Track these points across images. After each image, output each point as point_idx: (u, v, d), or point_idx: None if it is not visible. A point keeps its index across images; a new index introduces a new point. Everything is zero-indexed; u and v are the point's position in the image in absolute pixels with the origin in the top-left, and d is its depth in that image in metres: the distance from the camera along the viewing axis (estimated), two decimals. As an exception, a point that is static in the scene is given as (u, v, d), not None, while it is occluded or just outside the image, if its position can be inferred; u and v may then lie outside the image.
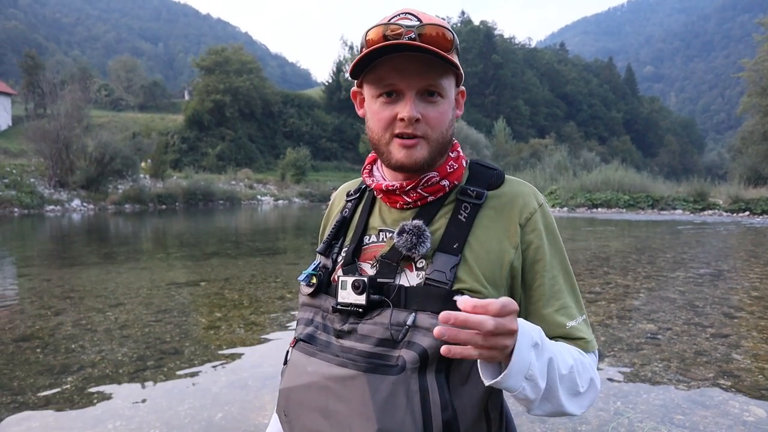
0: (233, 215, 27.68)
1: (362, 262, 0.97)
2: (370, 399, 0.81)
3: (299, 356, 0.93)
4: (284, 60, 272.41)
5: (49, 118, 34.59)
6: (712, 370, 3.82)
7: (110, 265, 9.15)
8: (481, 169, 1.01)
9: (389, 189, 0.96)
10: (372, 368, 0.83)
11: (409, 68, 0.87)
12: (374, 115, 0.93)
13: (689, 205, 24.23)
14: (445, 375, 0.84)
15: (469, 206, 0.94)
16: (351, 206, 1.07)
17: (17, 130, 48.63)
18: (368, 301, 0.88)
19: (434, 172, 0.95)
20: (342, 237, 1.03)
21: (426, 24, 0.88)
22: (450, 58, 0.85)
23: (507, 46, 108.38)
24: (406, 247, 0.89)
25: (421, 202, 0.96)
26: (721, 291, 6.68)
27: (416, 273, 0.90)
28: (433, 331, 0.69)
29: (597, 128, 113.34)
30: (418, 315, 0.85)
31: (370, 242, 0.98)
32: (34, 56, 61.13)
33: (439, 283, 0.86)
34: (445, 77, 0.90)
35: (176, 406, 3.25)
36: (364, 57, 0.87)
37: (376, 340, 0.86)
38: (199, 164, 54.54)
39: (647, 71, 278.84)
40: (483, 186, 0.96)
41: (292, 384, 0.91)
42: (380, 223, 0.99)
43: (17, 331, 4.97)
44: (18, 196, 28.74)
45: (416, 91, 0.89)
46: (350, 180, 1.18)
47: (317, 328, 0.95)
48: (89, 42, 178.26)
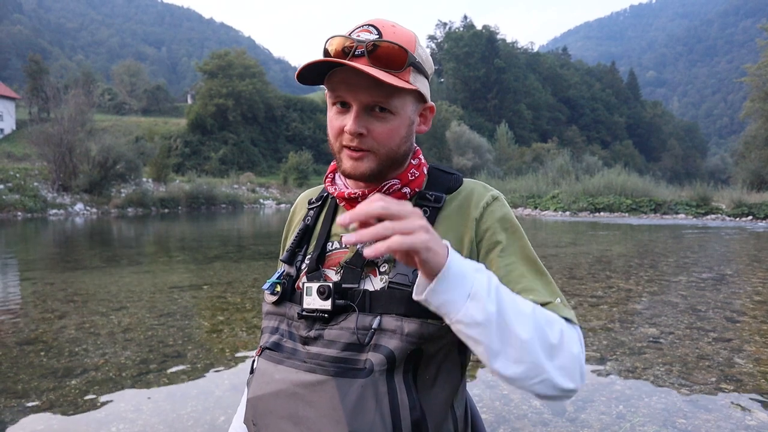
0: (236, 219, 27.72)
1: (326, 268, 0.97)
2: (340, 403, 0.81)
3: (266, 364, 0.92)
4: (287, 64, 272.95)
5: (52, 122, 34.74)
6: (714, 374, 3.82)
7: (113, 269, 9.18)
8: (440, 174, 1.01)
9: (351, 197, 0.96)
10: (340, 372, 0.83)
11: (357, 83, 0.87)
12: (329, 123, 0.94)
13: (692, 209, 24.20)
14: (413, 376, 0.85)
15: (428, 210, 0.95)
16: (313, 214, 1.07)
17: (21, 134, 48.91)
18: (334, 306, 0.88)
19: (396, 180, 0.96)
20: (305, 245, 1.04)
21: (382, 41, 0.86)
22: (385, 80, 0.83)
23: (509, 50, 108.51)
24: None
25: None
26: (724, 295, 6.67)
27: (380, 277, 0.91)
28: (344, 239, 0.66)
29: (599, 132, 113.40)
30: (383, 318, 0.85)
31: (334, 249, 0.99)
32: (38, 61, 61.48)
33: (402, 286, 0.87)
34: (396, 96, 0.89)
35: (179, 410, 3.27)
36: (310, 66, 0.87)
37: (343, 344, 0.86)
38: (201, 168, 54.73)
39: (650, 76, 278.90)
40: (441, 190, 0.98)
41: (260, 392, 0.90)
42: (342, 229, 0.99)
43: (21, 334, 4.99)
44: (21, 200, 28.85)
45: (362, 106, 0.89)
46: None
47: (282, 335, 0.95)
48: (93, 46, 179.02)
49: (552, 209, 27.95)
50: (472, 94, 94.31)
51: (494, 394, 3.46)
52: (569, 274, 8.19)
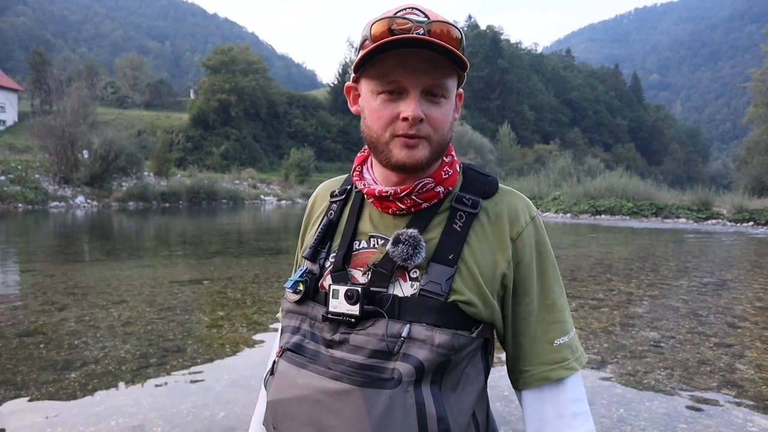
0: (236, 214, 27.72)
1: (352, 268, 0.93)
2: (366, 414, 0.78)
3: (288, 367, 0.88)
4: (290, 61, 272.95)
5: (55, 114, 34.76)
6: (715, 379, 3.81)
7: (113, 262, 9.17)
8: (475, 176, 0.97)
9: (383, 195, 0.92)
10: (367, 382, 0.80)
11: (416, 65, 0.83)
12: (374, 113, 0.88)
13: (693, 213, 24.15)
14: (438, 385, 0.83)
15: (464, 215, 0.91)
16: (337, 208, 1.02)
17: (23, 125, 48.87)
18: (362, 311, 0.85)
19: (429, 178, 0.92)
20: (329, 241, 0.99)
21: (434, 21, 0.84)
22: (459, 54, 0.83)
23: (513, 51, 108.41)
24: (401, 258, 0.85)
25: (415, 208, 0.92)
26: (725, 301, 6.66)
27: (410, 283, 0.87)
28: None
29: (602, 135, 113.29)
30: (413, 326, 0.82)
31: (360, 248, 0.94)
32: (41, 53, 61.45)
33: (434, 294, 0.84)
34: (449, 77, 0.87)
35: (179, 404, 3.26)
36: (371, 50, 0.82)
37: (370, 351, 0.83)
38: (203, 163, 54.69)
39: (653, 79, 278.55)
40: (478, 194, 0.94)
41: (281, 396, 0.87)
42: (371, 228, 0.95)
43: (21, 326, 4.98)
44: (22, 192, 28.85)
45: (421, 90, 0.85)
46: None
47: (305, 336, 0.92)
48: (96, 39, 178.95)
49: (553, 211, 27.92)
50: (475, 94, 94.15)
51: (495, 394, 3.45)
52: (570, 276, 8.18)
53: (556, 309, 0.93)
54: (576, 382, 0.92)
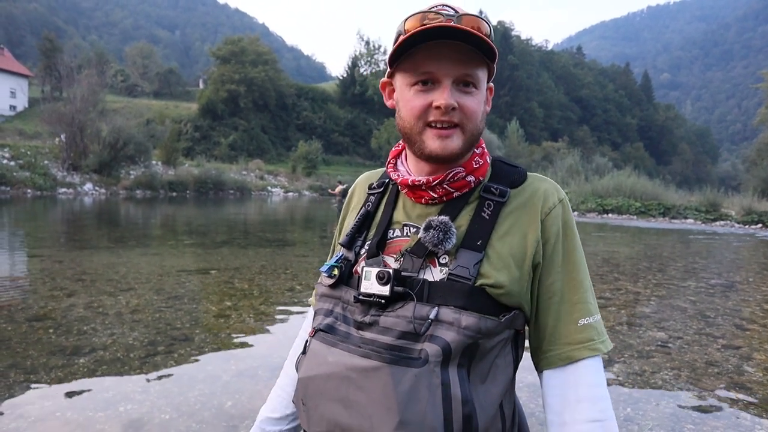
0: (243, 205, 27.79)
1: (386, 255, 0.97)
2: (393, 390, 0.80)
3: (319, 346, 0.91)
4: (300, 53, 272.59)
5: (65, 101, 34.90)
6: (723, 381, 3.79)
7: (121, 250, 9.22)
8: (504, 167, 1.01)
9: (415, 184, 0.95)
10: (395, 360, 0.82)
11: (446, 55, 0.87)
12: (407, 104, 0.92)
13: (701, 214, 24.04)
14: (467, 370, 0.85)
15: (492, 204, 0.94)
16: (374, 200, 1.06)
17: (33, 111, 49.12)
18: (392, 292, 0.87)
19: (460, 168, 0.95)
20: (365, 231, 1.03)
21: (463, 15, 0.87)
22: (490, 42, 0.86)
23: (524, 47, 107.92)
24: (432, 243, 0.89)
25: (447, 197, 0.96)
26: (733, 302, 6.63)
27: (439, 268, 0.90)
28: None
29: (611, 134, 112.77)
30: (441, 309, 0.85)
31: (395, 236, 0.98)
32: (52, 39, 61.61)
33: (462, 278, 0.87)
34: (480, 68, 0.90)
35: (186, 392, 3.27)
36: (402, 43, 0.86)
37: (399, 332, 0.85)
38: (211, 153, 54.85)
39: (664, 78, 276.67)
40: (506, 184, 0.97)
41: (312, 373, 0.90)
42: (404, 217, 0.99)
43: (30, 311, 5.02)
44: (32, 178, 29.03)
45: (453, 80, 0.88)
46: (361, 174, 1.18)
47: (337, 318, 0.95)
48: (107, 27, 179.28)
49: (560, 209, 27.92)
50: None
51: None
52: (577, 275, 8.15)
53: (582, 289, 0.94)
54: (598, 366, 0.92)
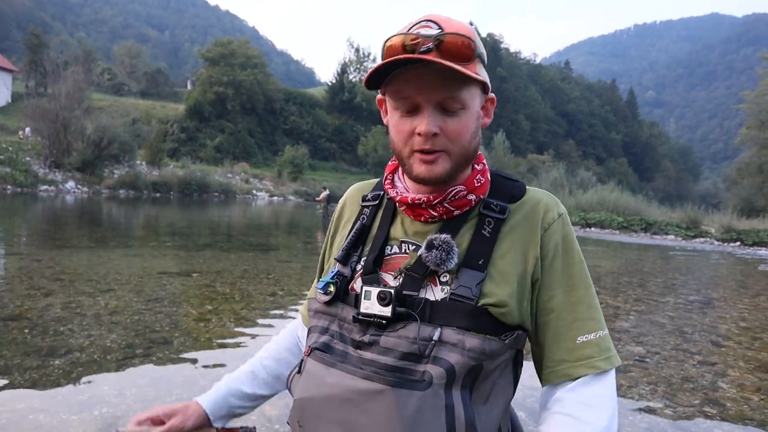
0: (227, 208, 27.61)
1: (384, 272, 0.95)
2: (397, 414, 0.78)
3: (317, 366, 0.89)
4: (289, 57, 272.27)
5: (49, 97, 34.47)
6: (698, 396, 3.84)
7: (102, 250, 9.11)
8: (503, 181, 0.99)
9: (415, 203, 0.94)
10: (399, 383, 0.80)
11: (425, 81, 0.84)
12: (394, 128, 0.91)
13: (682, 231, 24.38)
14: (469, 391, 0.83)
15: (492, 221, 0.92)
16: (369, 213, 1.03)
17: (16, 107, 48.37)
18: (394, 313, 0.85)
19: (461, 186, 0.93)
20: (361, 245, 1.00)
21: (446, 33, 0.84)
22: (465, 72, 0.82)
23: (512, 60, 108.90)
24: (434, 263, 0.87)
25: (447, 216, 0.94)
26: (710, 319, 6.72)
27: (440, 287, 0.88)
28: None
29: (596, 148, 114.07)
30: (443, 330, 0.83)
31: (392, 253, 0.96)
32: (39, 34, 60.92)
33: (464, 298, 0.85)
34: (465, 88, 0.86)
35: (163, 396, 3.24)
36: (378, 69, 0.85)
37: (400, 353, 0.83)
38: (196, 155, 54.42)
39: (649, 96, 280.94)
40: (505, 199, 0.95)
41: (309, 395, 0.87)
42: (402, 234, 0.97)
43: (6, 310, 4.93)
44: (12, 174, 28.56)
45: (434, 104, 0.86)
46: (354, 182, 1.18)
47: (333, 337, 0.93)
48: (95, 25, 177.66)
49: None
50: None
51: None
52: (558, 288, 8.21)
53: (581, 306, 0.91)
54: (601, 382, 0.88)
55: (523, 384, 3.06)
